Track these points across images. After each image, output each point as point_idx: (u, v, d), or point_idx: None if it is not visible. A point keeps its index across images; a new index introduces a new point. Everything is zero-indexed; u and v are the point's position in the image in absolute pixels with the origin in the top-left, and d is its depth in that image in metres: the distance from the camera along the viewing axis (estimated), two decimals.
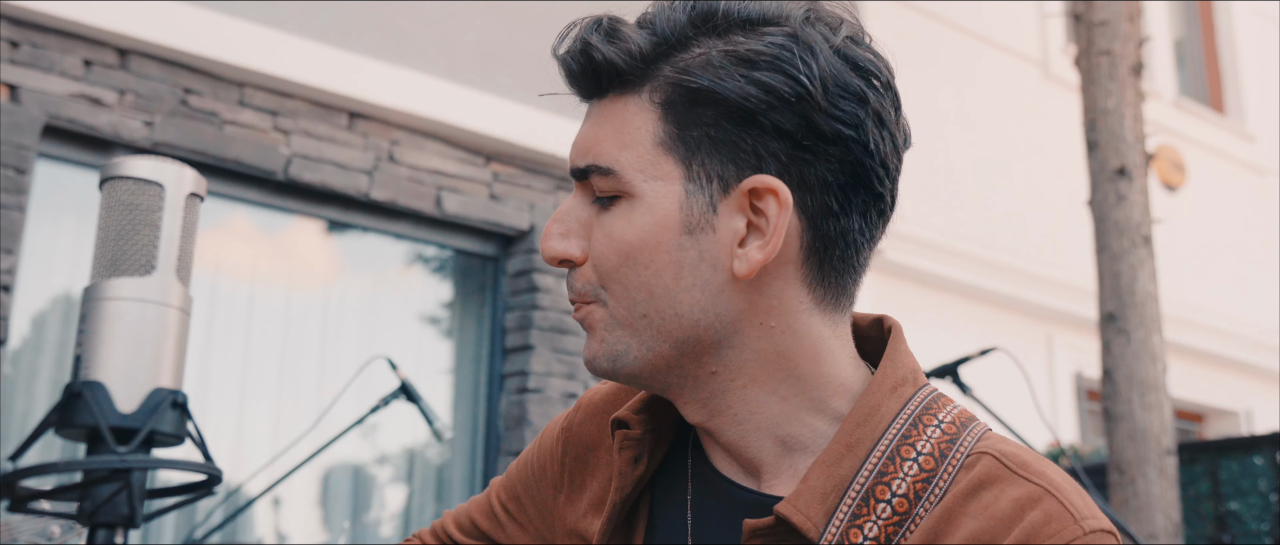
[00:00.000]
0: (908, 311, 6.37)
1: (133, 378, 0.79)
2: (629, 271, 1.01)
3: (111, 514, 0.78)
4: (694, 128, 1.00)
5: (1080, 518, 0.92)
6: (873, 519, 0.97)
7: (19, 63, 4.00)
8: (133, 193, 0.83)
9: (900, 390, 1.03)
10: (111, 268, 0.81)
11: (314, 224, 4.87)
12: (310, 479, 4.83)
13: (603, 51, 1.02)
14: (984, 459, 0.98)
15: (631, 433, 1.11)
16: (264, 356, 4.71)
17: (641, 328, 1.02)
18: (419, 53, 4.94)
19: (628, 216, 1.01)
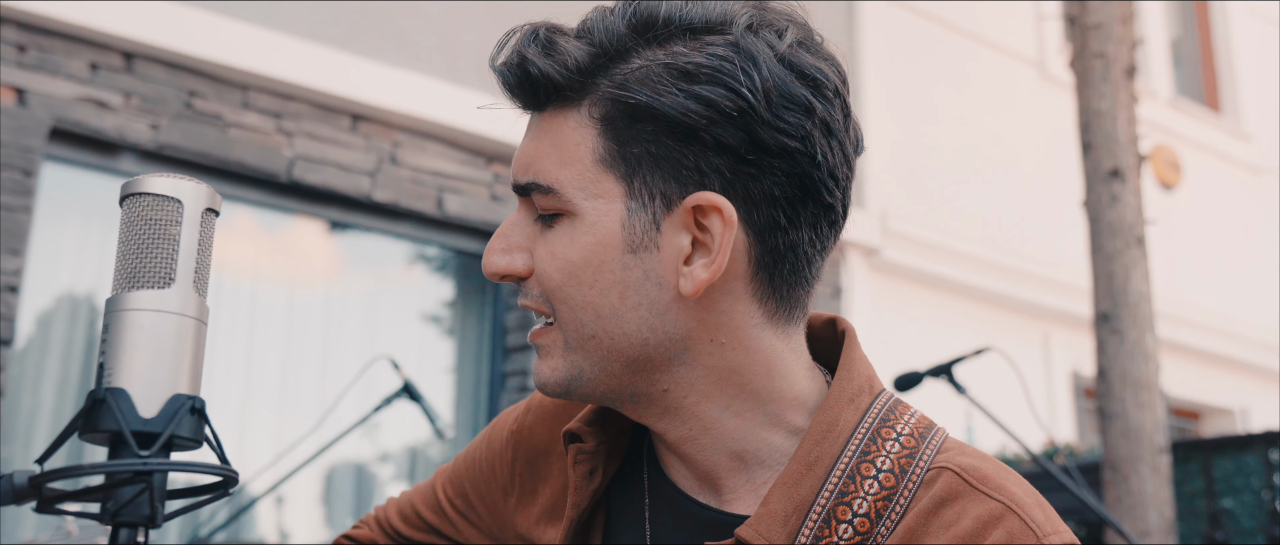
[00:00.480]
0: (905, 311, 6.42)
1: (153, 385, 0.84)
2: (574, 291, 0.98)
3: (133, 514, 0.82)
4: (634, 144, 0.97)
5: (1043, 535, 0.92)
6: (835, 541, 0.95)
7: (26, 66, 4.05)
8: (152, 208, 0.87)
9: (857, 400, 1.02)
10: (132, 280, 0.86)
11: (317, 225, 4.92)
12: (313, 478, 4.87)
13: (539, 65, 0.99)
14: (944, 474, 0.97)
15: (585, 446, 1.09)
16: (267, 356, 4.76)
17: (592, 349, 1.00)
18: (420, 55, 4.99)
19: (570, 235, 0.98)
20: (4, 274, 3.87)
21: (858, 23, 6.86)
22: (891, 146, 6.75)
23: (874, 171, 6.58)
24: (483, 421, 5.19)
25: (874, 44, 6.86)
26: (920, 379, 3.50)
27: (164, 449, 0.82)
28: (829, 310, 6.09)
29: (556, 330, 1.00)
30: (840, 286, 6.25)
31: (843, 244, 6.30)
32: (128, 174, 4.32)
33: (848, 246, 6.32)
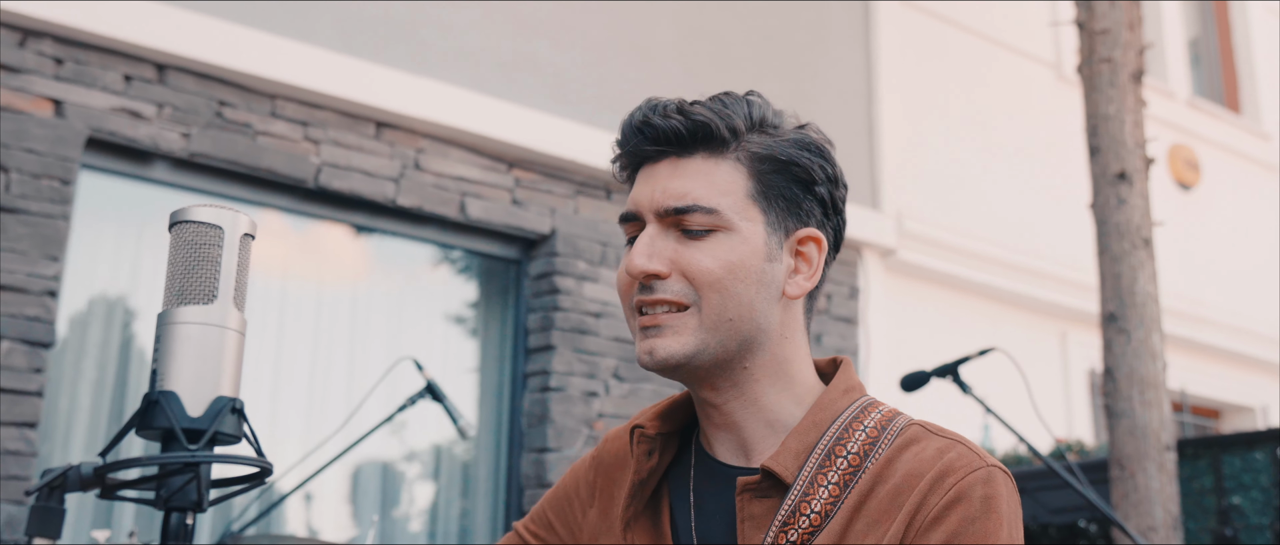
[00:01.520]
0: (921, 311, 6.51)
1: (199, 388, 0.96)
2: (730, 283, 1.34)
3: (183, 500, 0.95)
4: (772, 187, 1.38)
5: (982, 457, 1.29)
6: (833, 469, 1.32)
7: (63, 79, 4.20)
8: (197, 234, 1.00)
9: (849, 393, 1.42)
10: (180, 297, 0.98)
11: (343, 229, 5.05)
12: (341, 475, 5.01)
13: (710, 120, 1.37)
14: (912, 427, 1.36)
15: (646, 432, 1.46)
16: (295, 357, 4.89)
17: (724, 329, 1.35)
18: (442, 64, 5.12)
19: (728, 244, 1.35)
20: (43, 279, 4.02)
21: (873, 24, 6.95)
22: (907, 148, 6.84)
23: (889, 173, 6.67)
24: (505, 420, 5.32)
25: (889, 46, 6.95)
26: (927, 378, 3.59)
27: (209, 443, 0.95)
28: (847, 311, 6.17)
29: (690, 315, 1.35)
30: (857, 287, 6.35)
31: (859, 244, 6.39)
32: (161, 182, 4.47)
33: (864, 247, 6.42)
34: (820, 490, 1.32)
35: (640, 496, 1.47)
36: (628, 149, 1.43)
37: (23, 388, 3.93)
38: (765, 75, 6.33)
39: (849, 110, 6.69)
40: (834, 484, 1.32)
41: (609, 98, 5.63)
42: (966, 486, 1.26)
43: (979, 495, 1.26)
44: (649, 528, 1.47)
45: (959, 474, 1.27)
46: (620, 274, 1.41)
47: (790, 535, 1.31)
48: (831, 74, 6.69)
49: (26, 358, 3.95)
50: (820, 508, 1.31)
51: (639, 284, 1.38)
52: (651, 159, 1.41)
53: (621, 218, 1.43)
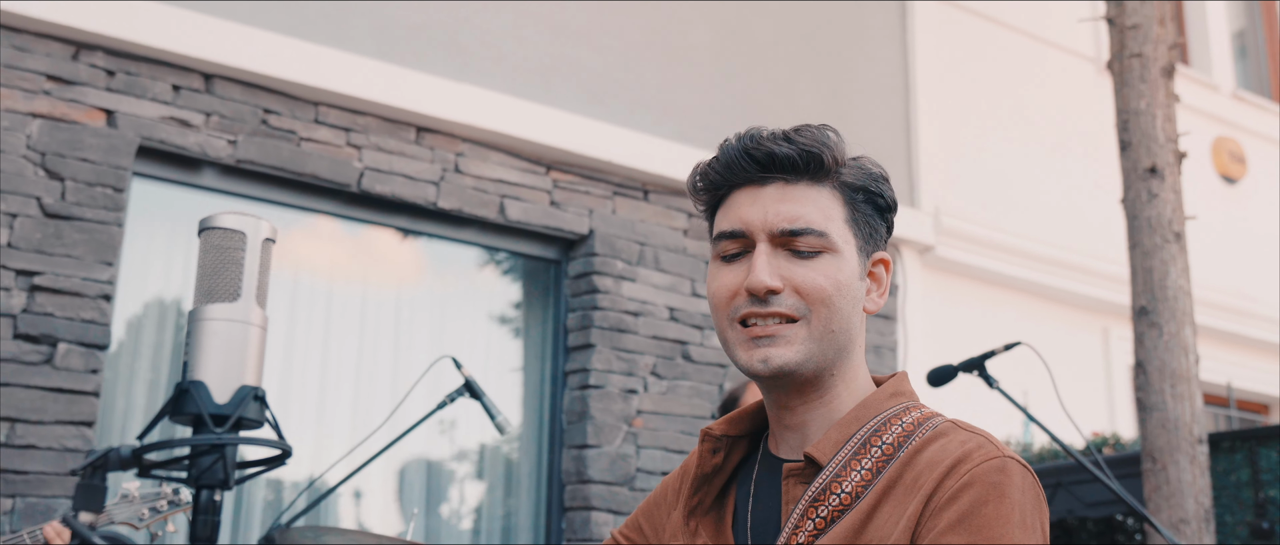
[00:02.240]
0: (961, 307, 6.54)
1: (225, 378, 1.06)
2: (837, 300, 1.48)
3: (211, 478, 1.05)
4: (860, 214, 1.53)
5: (1001, 449, 1.40)
6: (868, 456, 1.45)
7: (114, 89, 4.36)
8: (222, 239, 1.10)
9: (896, 398, 1.54)
10: (208, 296, 1.09)
11: (386, 232, 5.18)
12: (386, 472, 5.13)
13: (825, 152, 1.50)
14: (943, 423, 1.48)
15: (712, 432, 1.60)
16: (342, 357, 5.02)
17: (828, 340, 1.48)
18: (481, 69, 5.23)
19: (835, 265, 1.49)
20: (98, 283, 4.17)
21: (911, 21, 6.99)
22: (944, 145, 6.87)
23: (927, 170, 6.70)
24: (546, 417, 5.42)
25: (927, 42, 6.98)
26: (954, 373, 3.64)
27: (234, 427, 1.05)
28: (885, 308, 6.21)
29: (801, 327, 1.48)
30: (895, 283, 6.39)
31: (897, 242, 6.43)
32: (209, 188, 4.62)
33: (902, 245, 6.46)
34: (853, 474, 1.44)
35: (704, 490, 1.60)
36: (734, 172, 1.53)
37: (80, 388, 4.09)
38: (802, 75, 6.39)
39: (886, 108, 6.73)
40: (867, 470, 1.44)
41: (645, 100, 5.72)
42: (980, 473, 1.35)
43: (991, 481, 1.35)
44: (713, 525, 1.59)
45: (974, 461, 1.37)
46: (725, 287, 1.52)
47: (820, 511, 1.43)
48: (868, 72, 6.73)
49: (83, 359, 4.11)
50: (851, 489, 1.43)
51: (750, 297, 1.48)
52: (755, 183, 1.52)
53: (724, 234, 1.53)
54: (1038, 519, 1.38)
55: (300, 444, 4.85)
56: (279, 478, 4.84)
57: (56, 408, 4.03)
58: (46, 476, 3.97)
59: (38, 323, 4.04)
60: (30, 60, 4.21)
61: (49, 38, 4.25)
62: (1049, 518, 1.46)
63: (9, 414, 3.95)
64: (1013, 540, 1.32)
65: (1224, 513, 4.76)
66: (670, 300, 5.56)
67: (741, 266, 1.52)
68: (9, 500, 3.91)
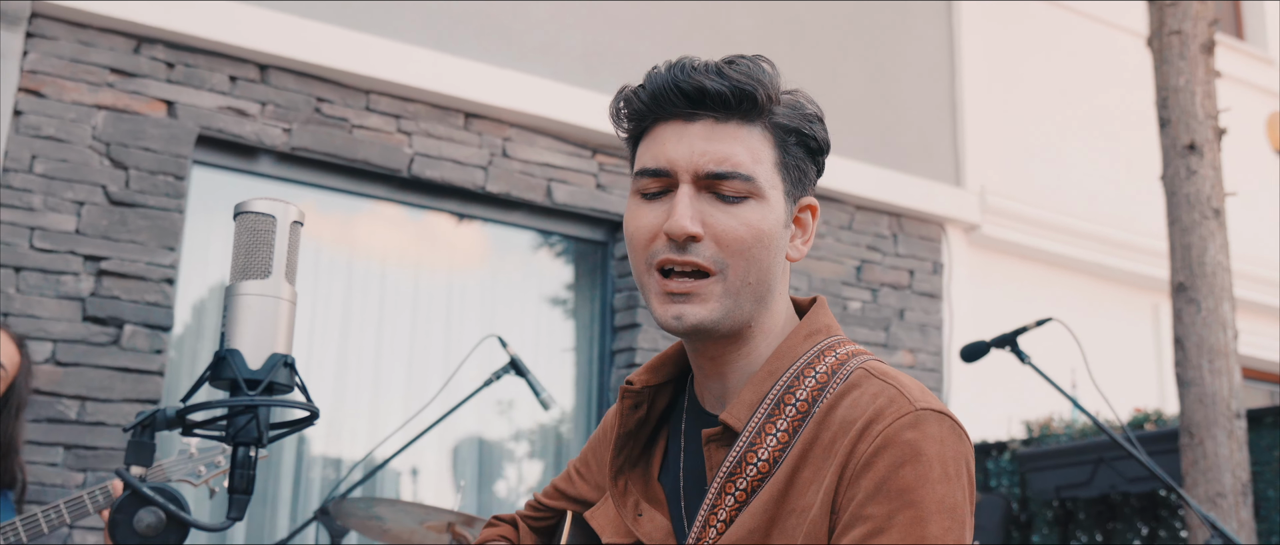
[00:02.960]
0: (1007, 286, 6.56)
1: (258, 346, 1.18)
2: (755, 250, 1.39)
3: (246, 436, 1.18)
4: (791, 157, 1.44)
5: (913, 400, 1.31)
6: (782, 417, 1.38)
7: (174, 81, 4.53)
8: (255, 222, 1.22)
9: (811, 338, 1.46)
10: (243, 273, 1.21)
11: (437, 216, 5.32)
12: (442, 448, 5.29)
13: (759, 89, 1.40)
14: (857, 371, 1.39)
15: (631, 388, 1.54)
16: (395, 338, 5.18)
17: (744, 294, 1.40)
18: (527, 55, 5.35)
19: (760, 212, 1.39)
20: (161, 267, 4.36)
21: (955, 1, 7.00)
22: (990, 122, 6.89)
23: (972, 148, 6.73)
24: (596, 395, 5.55)
25: (972, 19, 6.99)
26: (987, 349, 3.70)
27: (266, 391, 1.17)
28: (930, 286, 6.25)
29: (717, 282, 1.39)
30: (940, 262, 6.43)
31: (942, 220, 6.47)
32: (266, 175, 4.79)
33: (947, 223, 6.50)
34: (768, 439, 1.37)
35: (629, 448, 1.55)
36: (661, 104, 1.42)
37: (145, 367, 4.28)
38: (846, 56, 6.45)
39: (931, 88, 6.76)
40: (783, 431, 1.37)
41: None
42: (893, 432, 1.28)
43: (905, 440, 1.27)
44: (641, 477, 1.55)
45: (886, 420, 1.29)
46: (644, 227, 1.42)
47: (739, 483, 1.37)
48: (913, 52, 6.77)
49: (148, 340, 4.29)
50: (768, 456, 1.36)
51: (669, 241, 1.39)
52: (682, 118, 1.41)
53: (645, 171, 1.43)
54: (959, 467, 1.30)
55: (356, 420, 5.03)
56: (338, 454, 5.01)
57: (124, 386, 4.22)
58: (115, 451, 4.16)
59: (105, 306, 4.24)
60: (94, 54, 4.39)
61: (112, 32, 4.43)
62: (974, 457, 1.35)
63: (80, 392, 4.15)
64: (935, 497, 1.25)
65: (1267, 488, 4.77)
66: None
67: (662, 206, 1.41)
68: (80, 474, 4.11)
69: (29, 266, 4.14)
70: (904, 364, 6.14)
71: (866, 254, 6.18)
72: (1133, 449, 3.42)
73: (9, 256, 4.11)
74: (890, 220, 6.32)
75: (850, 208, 6.18)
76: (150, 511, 1.14)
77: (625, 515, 1.52)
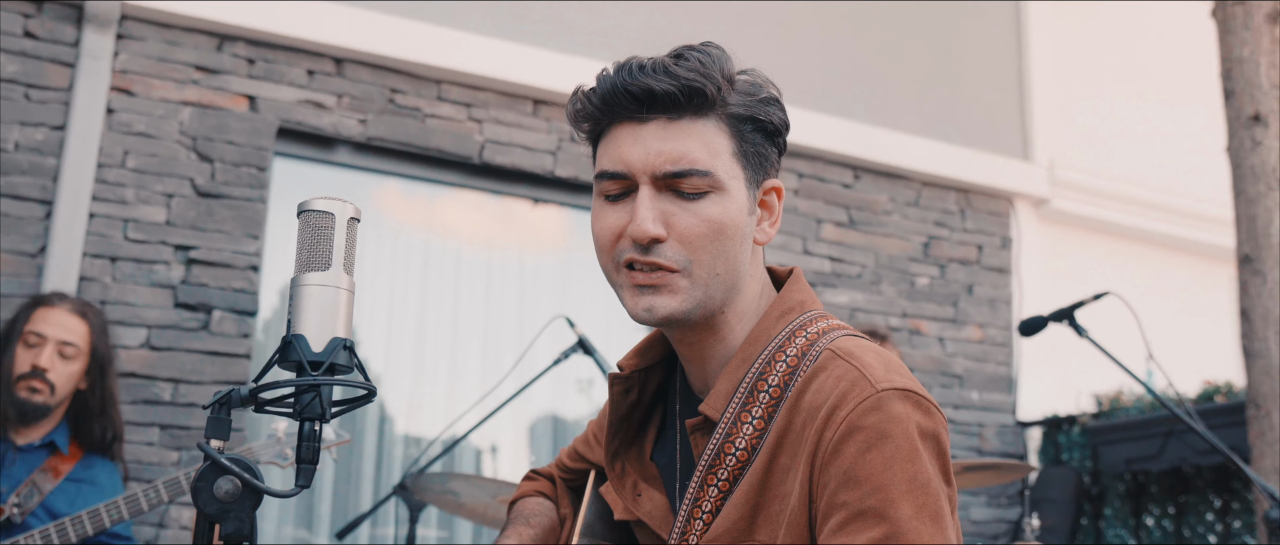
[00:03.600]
0: (1078, 259, 6.56)
1: (320, 331, 1.32)
2: (719, 243, 1.41)
3: (311, 412, 1.32)
4: (749, 144, 1.45)
5: (876, 381, 1.32)
6: (757, 403, 1.41)
7: (255, 77, 4.73)
8: (316, 219, 1.35)
9: (784, 317, 1.48)
10: (306, 265, 1.35)
11: (508, 200, 5.47)
12: (520, 426, 5.45)
13: (707, 84, 1.39)
14: (825, 353, 1.40)
15: (620, 375, 1.58)
16: (471, 319, 5.35)
17: (713, 284, 1.42)
18: (589, 42, 5.47)
19: (721, 205, 1.40)
20: (246, 255, 4.56)
21: None
22: (1059, 96, 6.86)
23: (1041, 122, 6.71)
24: None
25: None
26: (1044, 323, 3.75)
27: (327, 371, 1.31)
28: (999, 261, 6.26)
29: (682, 276, 1.40)
30: (1009, 237, 6.45)
31: (1010, 195, 6.48)
32: (343, 164, 4.97)
33: (1016, 198, 6.50)
34: (745, 427, 1.40)
35: (623, 432, 1.59)
36: (613, 108, 1.43)
37: (233, 351, 4.49)
38: (910, 33, 6.47)
39: (998, 63, 6.76)
40: (758, 419, 1.40)
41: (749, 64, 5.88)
42: (857, 416, 1.29)
43: (869, 424, 1.28)
44: (636, 456, 1.60)
45: (849, 404, 1.30)
46: (607, 229, 1.44)
47: (720, 474, 1.41)
48: (979, 27, 6.76)
49: (235, 325, 4.51)
50: (745, 444, 1.40)
51: (632, 242, 1.41)
52: (635, 119, 1.42)
53: (604, 174, 1.44)
54: (927, 440, 1.30)
55: (433, 399, 5.21)
56: (420, 433, 5.20)
57: (213, 369, 4.44)
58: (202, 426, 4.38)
59: (195, 293, 4.45)
60: (180, 53, 4.60)
61: (196, 32, 4.64)
62: (944, 423, 1.36)
63: (173, 375, 4.37)
64: (905, 476, 1.27)
65: None
66: (781, 258, 5.75)
67: (625, 207, 1.43)
68: (175, 452, 4.34)
69: (124, 257, 4.37)
70: (973, 339, 6.17)
71: (934, 230, 6.22)
72: (1192, 421, 3.45)
73: (105, 248, 4.34)
74: (957, 196, 6.34)
75: (917, 184, 6.22)
76: (228, 480, 1.28)
77: (625, 496, 1.58)
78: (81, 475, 3.33)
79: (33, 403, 3.25)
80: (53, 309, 3.35)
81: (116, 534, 3.30)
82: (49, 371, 3.28)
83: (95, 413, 3.37)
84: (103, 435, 3.39)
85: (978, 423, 6.10)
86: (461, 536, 5.14)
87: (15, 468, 3.23)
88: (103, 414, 3.37)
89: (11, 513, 3.13)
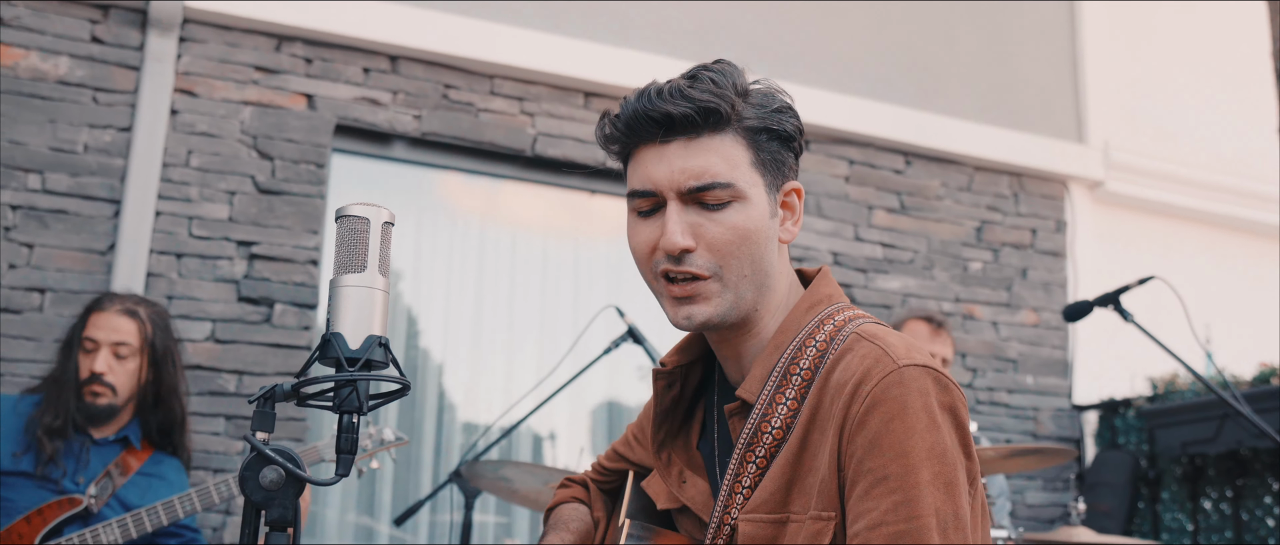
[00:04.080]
0: (1134, 242, 6.52)
1: (356, 329, 1.41)
2: (745, 247, 1.54)
3: (350, 406, 1.40)
4: (766, 152, 1.57)
5: (897, 358, 1.44)
6: (790, 386, 1.54)
7: (313, 75, 4.86)
8: (352, 224, 1.44)
9: (813, 309, 1.61)
10: (343, 267, 1.43)
11: (560, 192, 5.56)
12: (577, 414, 5.54)
13: (720, 102, 1.51)
14: (851, 336, 1.53)
15: (663, 370, 1.70)
16: (526, 306, 5.45)
17: (743, 287, 1.55)
18: (641, 34, 5.54)
19: (744, 212, 1.53)
20: (306, 250, 4.70)
21: None
22: (1114, 77, 6.81)
23: (1095, 104, 6.67)
24: None
25: None
26: (1090, 308, 3.76)
27: (364, 367, 1.40)
28: (1053, 244, 6.24)
29: (715, 282, 1.53)
30: (1063, 220, 6.42)
31: (1065, 178, 6.45)
32: (399, 159, 5.09)
33: (1070, 181, 6.47)
34: (779, 408, 1.52)
35: (668, 424, 1.71)
36: (636, 133, 1.56)
37: (294, 343, 4.63)
38: (962, 17, 6.45)
39: (1052, 45, 6.72)
40: (792, 400, 1.52)
41: (801, 53, 5.92)
42: (880, 391, 1.41)
43: (891, 397, 1.40)
44: (682, 446, 1.71)
45: (873, 380, 1.42)
46: (643, 244, 1.57)
47: (758, 451, 1.52)
48: (1032, 7, 6.72)
49: (296, 317, 4.64)
50: (780, 423, 1.51)
51: (666, 255, 1.53)
52: (658, 141, 1.54)
53: (635, 193, 1.58)
54: (944, 413, 1.41)
55: (491, 388, 5.32)
56: (478, 421, 5.31)
57: (275, 361, 4.58)
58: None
59: (257, 287, 4.60)
60: (240, 54, 4.74)
61: (255, 33, 4.77)
62: (963, 397, 1.47)
63: (237, 367, 4.52)
64: (924, 445, 1.38)
65: None
66: (833, 245, 5.78)
67: (656, 222, 1.56)
68: (240, 442, 4.49)
69: (189, 253, 4.52)
70: (1027, 323, 6.17)
71: (987, 214, 6.22)
72: (1239, 405, 3.45)
73: (171, 245, 4.49)
74: (1011, 180, 6.33)
75: (969, 169, 6.22)
76: (272, 469, 1.38)
77: (671, 483, 1.70)
78: (151, 470, 3.47)
79: (98, 406, 3.39)
80: (104, 313, 3.45)
81: (184, 525, 3.45)
82: (106, 375, 3.39)
83: (151, 405, 3.50)
84: (162, 425, 3.52)
85: (1032, 407, 6.09)
86: (520, 521, 5.26)
87: (92, 461, 3.38)
88: (159, 405, 3.50)
89: (89, 503, 3.28)
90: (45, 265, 4.34)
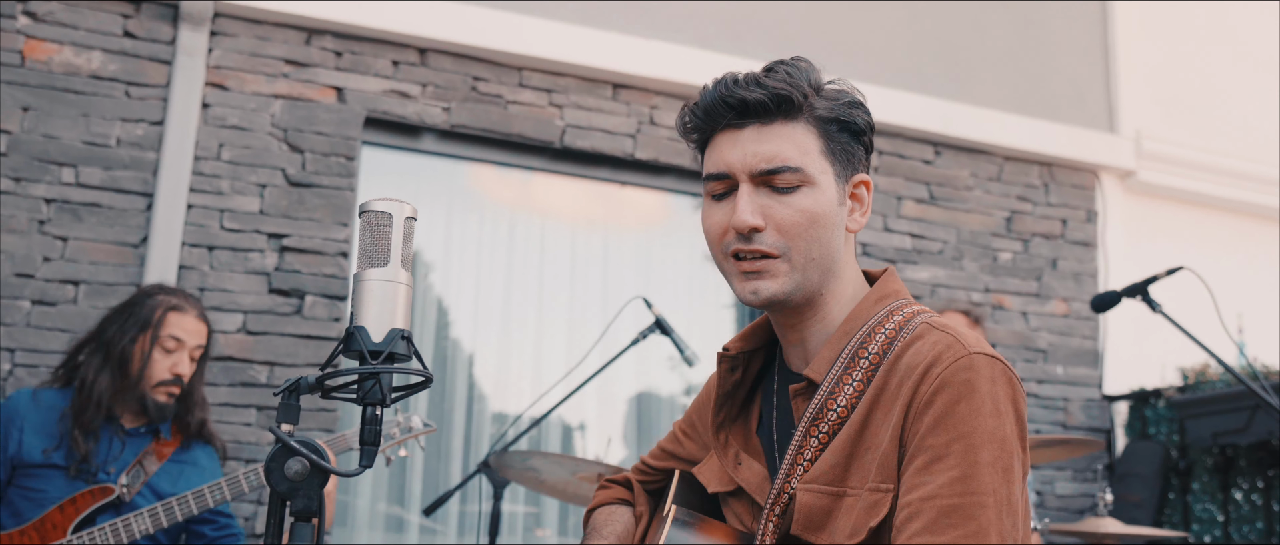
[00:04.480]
0: (1166, 232, 6.47)
1: (379, 323, 1.43)
2: (813, 230, 1.61)
3: (372, 398, 1.43)
4: (837, 143, 1.65)
5: (968, 346, 1.52)
6: (858, 368, 1.60)
7: (342, 68, 4.89)
8: (376, 219, 1.46)
9: (882, 302, 1.68)
10: (367, 262, 1.46)
11: (589, 184, 5.57)
12: (605, 405, 5.56)
13: (794, 91, 1.60)
14: (922, 325, 1.60)
15: (727, 354, 1.77)
16: (555, 297, 5.47)
17: (810, 268, 1.62)
18: (670, 25, 5.54)
19: (813, 197, 1.61)
20: (336, 242, 4.74)
21: None
22: (1145, 66, 6.75)
23: (1127, 93, 6.62)
24: None
25: None
26: (1118, 299, 3.74)
27: (387, 360, 1.42)
28: (1084, 234, 6.21)
29: (783, 261, 1.61)
30: (1094, 210, 6.38)
31: (1095, 168, 6.41)
32: (428, 152, 5.12)
33: (1100, 170, 6.43)
34: (846, 387, 1.58)
35: (729, 405, 1.78)
36: (713, 118, 1.65)
37: (324, 334, 4.67)
38: (992, 5, 6.42)
39: (1083, 32, 6.67)
40: (858, 381, 1.58)
41: (832, 44, 5.91)
42: (950, 373, 1.48)
43: (961, 380, 1.47)
44: (742, 430, 1.77)
45: (944, 363, 1.49)
46: (715, 225, 1.65)
47: (821, 427, 1.59)
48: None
49: (326, 309, 4.68)
50: (846, 402, 1.58)
51: (736, 234, 1.61)
52: (733, 126, 1.63)
53: (711, 176, 1.66)
54: (1009, 404, 1.47)
55: (520, 379, 5.35)
56: (507, 411, 5.35)
57: (306, 352, 4.63)
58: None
59: (288, 279, 4.64)
60: (270, 48, 4.78)
61: (285, 27, 4.81)
62: (1024, 396, 1.54)
63: (268, 358, 4.57)
64: (987, 429, 1.44)
65: None
66: (862, 235, 5.77)
67: (728, 204, 1.64)
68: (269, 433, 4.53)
69: (221, 245, 4.57)
70: (1057, 313, 6.14)
71: (1017, 204, 6.19)
72: (1267, 396, 3.43)
73: (203, 237, 4.55)
74: (1041, 170, 6.30)
75: (999, 159, 6.19)
76: (297, 460, 1.40)
77: (727, 464, 1.76)
78: (183, 457, 3.52)
79: (170, 406, 3.45)
80: (185, 315, 3.50)
81: (218, 512, 3.49)
82: (186, 377, 3.47)
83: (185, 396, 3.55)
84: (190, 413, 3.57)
85: (1062, 397, 6.07)
86: (549, 512, 5.29)
87: (124, 450, 3.43)
88: (189, 397, 3.55)
89: (121, 491, 3.32)
90: (79, 258, 4.40)
